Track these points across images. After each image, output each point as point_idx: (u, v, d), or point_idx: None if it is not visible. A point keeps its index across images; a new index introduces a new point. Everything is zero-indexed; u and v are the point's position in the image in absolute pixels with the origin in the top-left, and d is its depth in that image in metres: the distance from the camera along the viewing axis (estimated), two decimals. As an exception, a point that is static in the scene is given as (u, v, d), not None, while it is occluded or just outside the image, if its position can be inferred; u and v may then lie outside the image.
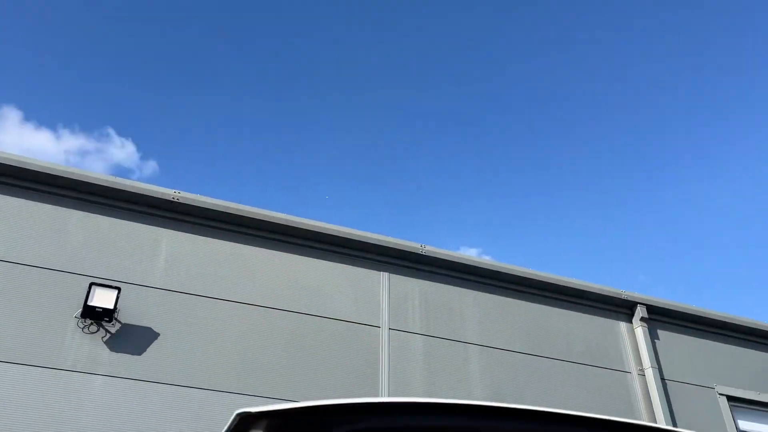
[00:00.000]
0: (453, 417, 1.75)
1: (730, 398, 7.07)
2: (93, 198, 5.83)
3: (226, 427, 1.71)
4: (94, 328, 5.20)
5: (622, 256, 21.70)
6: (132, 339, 5.29)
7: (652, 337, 7.23)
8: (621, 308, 7.39)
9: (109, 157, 21.08)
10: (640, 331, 7.16)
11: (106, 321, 5.22)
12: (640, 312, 7.22)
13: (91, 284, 5.21)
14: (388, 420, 1.70)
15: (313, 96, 19.39)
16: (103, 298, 5.14)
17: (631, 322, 7.29)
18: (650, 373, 6.87)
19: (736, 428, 6.89)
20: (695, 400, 6.97)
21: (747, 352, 7.68)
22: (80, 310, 5.17)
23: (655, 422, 6.57)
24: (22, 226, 5.51)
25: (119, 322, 5.31)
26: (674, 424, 6.60)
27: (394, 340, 6.24)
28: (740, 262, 21.63)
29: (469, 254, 7.34)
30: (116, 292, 5.22)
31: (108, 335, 5.23)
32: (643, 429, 1.88)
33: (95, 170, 6.10)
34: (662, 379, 6.92)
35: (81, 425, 4.81)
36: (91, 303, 5.13)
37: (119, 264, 5.62)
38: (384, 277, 6.59)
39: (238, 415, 1.63)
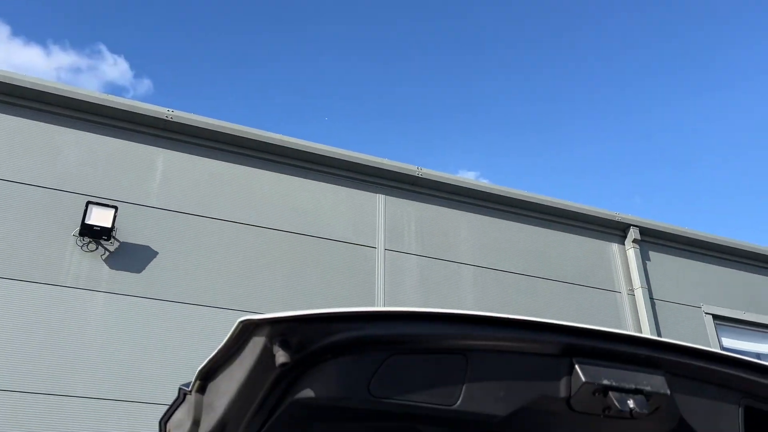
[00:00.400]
0: (447, 325, 1.80)
1: (715, 317, 7.29)
2: (86, 116, 5.74)
3: (228, 335, 1.75)
4: (92, 246, 5.24)
5: (618, 177, 21.79)
6: (131, 257, 5.35)
7: (644, 258, 7.36)
8: (614, 230, 7.48)
9: (101, 75, 20.60)
10: (632, 252, 7.28)
11: (105, 239, 5.26)
12: (633, 234, 7.32)
13: (88, 203, 5.21)
14: (386, 328, 1.74)
15: (311, 8, 18.77)
16: (100, 217, 5.16)
17: (624, 244, 7.40)
18: (640, 293, 7.04)
19: (720, 345, 7.13)
20: (682, 319, 7.18)
21: (734, 273, 7.85)
22: (78, 228, 5.19)
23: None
24: (14, 143, 5.44)
25: (117, 240, 5.34)
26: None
27: (390, 260, 6.33)
28: (735, 185, 21.75)
29: (467, 177, 7.34)
30: (113, 210, 5.22)
31: (107, 253, 5.28)
32: (627, 338, 1.94)
33: (88, 88, 5.97)
34: (651, 298, 7.10)
35: (84, 340, 4.94)
36: (88, 222, 5.14)
37: (115, 183, 5.60)
38: (380, 199, 6.61)
39: (241, 322, 1.66)
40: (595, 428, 2.00)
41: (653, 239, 7.54)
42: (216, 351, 1.81)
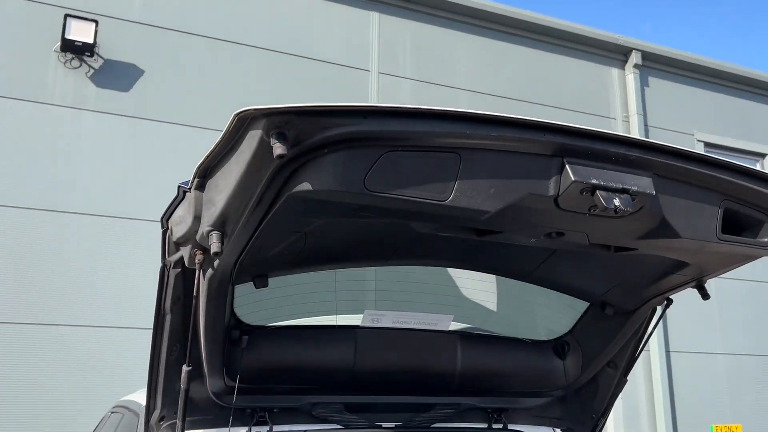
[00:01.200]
0: (442, 123, 1.80)
1: (706, 144, 7.37)
2: None
3: (224, 129, 1.74)
4: (76, 63, 5.08)
5: (629, 2, 20.76)
6: (117, 75, 5.20)
7: (642, 84, 7.26)
8: (615, 54, 7.28)
9: None
10: (631, 78, 7.16)
11: (88, 56, 5.08)
12: (635, 58, 7.14)
13: (66, 15, 4.95)
14: (383, 124, 1.73)
15: None
16: (81, 31, 4.94)
17: (624, 69, 7.25)
18: (635, 120, 7.04)
19: (707, 172, 7.30)
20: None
21: (730, 99, 7.81)
22: (59, 43, 4.98)
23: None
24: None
25: (101, 57, 5.17)
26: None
27: (384, 84, 6.21)
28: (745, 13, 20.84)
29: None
30: (94, 25, 4.99)
31: (92, 71, 5.13)
32: (618, 139, 1.95)
33: None
34: (645, 125, 7.12)
35: (76, 158, 4.96)
36: (69, 36, 4.94)
37: (93, -6, 5.28)
38: (374, 17, 6.31)
39: (236, 115, 1.64)
40: (579, 226, 2.08)
41: (654, 65, 7.38)
42: (213, 146, 1.81)
